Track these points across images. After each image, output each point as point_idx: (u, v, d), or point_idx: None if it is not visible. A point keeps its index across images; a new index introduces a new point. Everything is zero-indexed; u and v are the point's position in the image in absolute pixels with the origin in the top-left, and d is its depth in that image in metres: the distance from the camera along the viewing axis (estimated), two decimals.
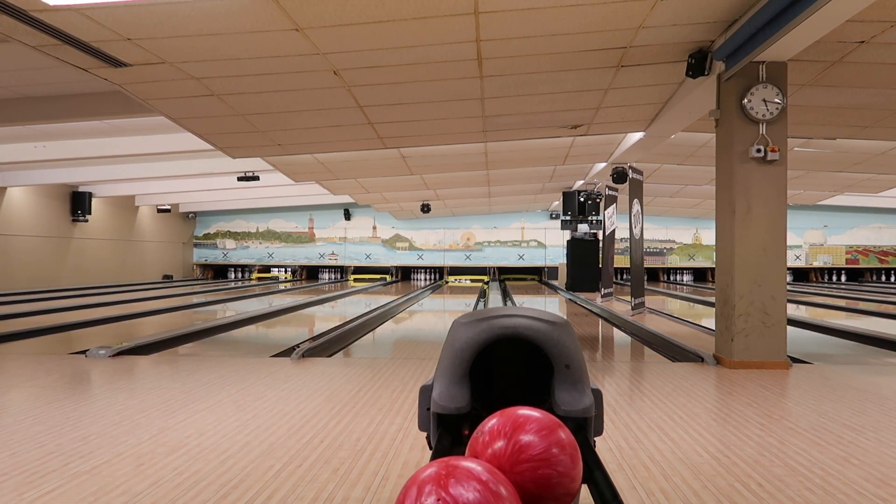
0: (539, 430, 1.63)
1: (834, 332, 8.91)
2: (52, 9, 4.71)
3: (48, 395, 4.71)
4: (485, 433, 1.66)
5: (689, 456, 3.31)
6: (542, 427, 1.65)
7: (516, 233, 26.18)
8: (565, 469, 1.60)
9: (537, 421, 1.67)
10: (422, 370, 5.73)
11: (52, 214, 18.13)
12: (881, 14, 5.35)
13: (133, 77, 6.25)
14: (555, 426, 1.67)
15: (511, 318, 2.11)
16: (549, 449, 1.59)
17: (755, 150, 5.87)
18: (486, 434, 1.65)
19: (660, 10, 5.22)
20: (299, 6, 4.82)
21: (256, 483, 2.89)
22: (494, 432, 1.63)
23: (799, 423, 4.03)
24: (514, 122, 8.80)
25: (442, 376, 2.14)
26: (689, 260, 25.95)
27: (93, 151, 11.51)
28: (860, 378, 5.51)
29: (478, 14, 5.10)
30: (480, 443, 1.64)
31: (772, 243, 5.94)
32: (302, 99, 7.27)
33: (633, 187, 12.02)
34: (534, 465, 1.56)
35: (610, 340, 8.92)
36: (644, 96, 7.89)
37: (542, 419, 1.68)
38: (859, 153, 11.91)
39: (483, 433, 1.67)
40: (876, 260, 25.01)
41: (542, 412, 1.73)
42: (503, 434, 1.62)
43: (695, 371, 5.79)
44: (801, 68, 6.57)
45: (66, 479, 2.91)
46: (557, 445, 1.61)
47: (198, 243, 26.58)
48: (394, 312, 12.25)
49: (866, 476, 3.03)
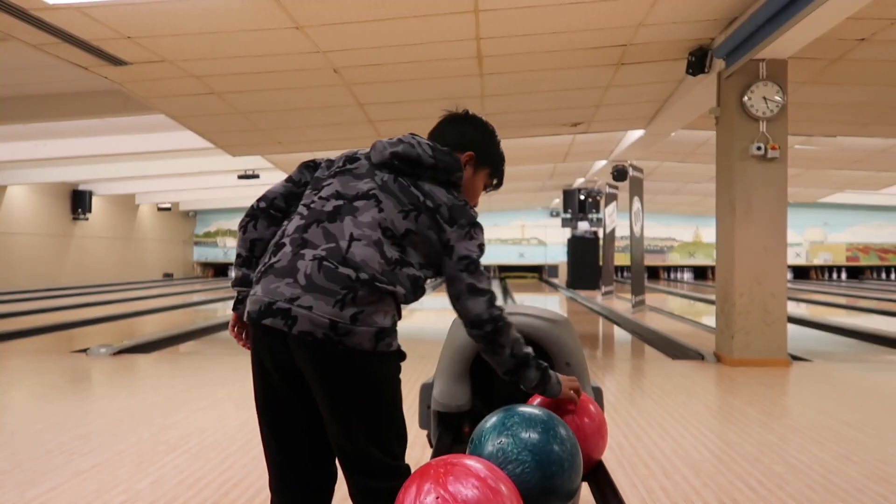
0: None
1: (834, 329, 8.91)
2: (53, 7, 4.70)
3: (49, 393, 4.71)
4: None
5: (690, 454, 3.32)
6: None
7: (517, 230, 26.19)
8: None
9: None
10: (422, 368, 5.73)
11: (53, 213, 18.13)
12: (881, 11, 5.34)
13: (133, 75, 6.25)
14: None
15: (512, 317, 2.11)
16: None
17: (755, 148, 5.86)
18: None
19: (660, 8, 5.21)
20: (299, 4, 4.82)
21: (257, 481, 2.89)
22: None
23: (799, 420, 4.03)
24: (514, 119, 8.79)
25: (442, 374, 2.14)
26: (689, 258, 25.96)
27: (93, 150, 11.51)
28: (860, 375, 5.52)
29: (478, 12, 5.10)
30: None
31: (772, 241, 5.94)
32: (302, 97, 7.27)
33: (633, 185, 12.02)
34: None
35: (610, 338, 8.92)
36: (644, 94, 7.88)
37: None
38: (860, 151, 11.90)
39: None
40: (876, 257, 25.01)
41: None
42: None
43: (695, 369, 5.79)
44: (802, 66, 6.57)
45: (68, 477, 2.91)
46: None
47: (198, 241, 26.59)
48: None
49: (867, 473, 3.03)
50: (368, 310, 1.50)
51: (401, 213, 1.58)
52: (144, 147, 11.25)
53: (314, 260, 1.51)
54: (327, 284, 1.49)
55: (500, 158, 1.83)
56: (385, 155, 1.65)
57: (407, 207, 1.59)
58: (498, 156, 1.83)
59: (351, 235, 1.54)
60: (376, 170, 1.65)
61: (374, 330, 1.51)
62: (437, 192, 1.62)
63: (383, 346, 1.54)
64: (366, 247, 1.53)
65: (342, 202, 1.60)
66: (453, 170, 1.67)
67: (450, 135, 1.76)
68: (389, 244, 1.56)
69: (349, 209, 1.58)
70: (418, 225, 1.58)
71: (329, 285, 1.49)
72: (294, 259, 1.53)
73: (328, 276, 1.50)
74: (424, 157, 1.64)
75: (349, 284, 1.49)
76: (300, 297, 1.48)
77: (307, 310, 1.47)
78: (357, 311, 1.49)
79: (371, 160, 1.68)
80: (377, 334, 1.52)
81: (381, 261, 1.53)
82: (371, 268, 1.51)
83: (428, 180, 1.64)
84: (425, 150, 1.65)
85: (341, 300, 1.48)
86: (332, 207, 1.59)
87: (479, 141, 1.78)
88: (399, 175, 1.63)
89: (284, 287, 1.51)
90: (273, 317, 1.50)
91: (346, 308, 1.48)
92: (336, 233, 1.55)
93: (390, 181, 1.62)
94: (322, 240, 1.54)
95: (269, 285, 1.53)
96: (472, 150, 1.75)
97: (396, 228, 1.57)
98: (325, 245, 1.53)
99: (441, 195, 1.62)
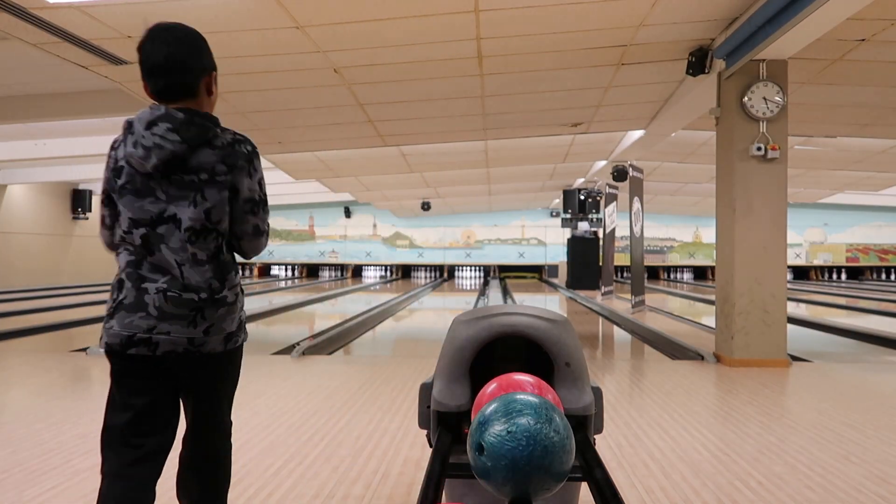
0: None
1: (834, 330, 8.91)
2: (53, 6, 4.71)
3: (49, 392, 4.72)
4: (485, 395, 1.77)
5: (689, 454, 3.32)
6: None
7: (517, 230, 26.18)
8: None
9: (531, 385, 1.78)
10: (422, 368, 5.73)
11: (53, 212, 18.13)
12: (881, 12, 5.34)
13: (133, 74, 6.22)
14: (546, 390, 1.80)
15: (511, 316, 2.11)
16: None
17: (755, 149, 5.86)
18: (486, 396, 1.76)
19: (660, 9, 5.21)
20: (299, 4, 4.82)
21: (257, 480, 2.89)
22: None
23: (799, 421, 4.03)
24: (514, 119, 8.79)
25: (442, 374, 2.14)
26: (689, 258, 25.95)
27: (93, 149, 11.51)
28: (860, 376, 5.52)
29: (478, 12, 5.10)
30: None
31: (772, 241, 5.94)
32: (302, 97, 7.27)
33: (633, 185, 12.02)
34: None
35: (610, 338, 8.92)
36: (644, 94, 7.89)
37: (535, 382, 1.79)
38: (859, 151, 11.90)
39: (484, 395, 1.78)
40: (876, 258, 25.01)
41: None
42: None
43: (695, 369, 5.80)
44: (802, 66, 6.57)
45: (67, 477, 2.91)
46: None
47: None
48: (394, 310, 12.25)
49: (866, 474, 3.03)
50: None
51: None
52: None
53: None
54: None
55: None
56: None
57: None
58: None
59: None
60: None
61: (234, 323, 1.93)
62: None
63: (238, 342, 1.94)
64: (193, 263, 1.85)
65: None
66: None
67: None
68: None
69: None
70: (218, 195, 1.85)
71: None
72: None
73: (178, 297, 1.82)
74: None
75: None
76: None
77: None
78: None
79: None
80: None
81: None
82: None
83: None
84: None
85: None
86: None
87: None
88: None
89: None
90: (149, 343, 1.82)
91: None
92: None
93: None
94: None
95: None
96: (206, 73, 1.87)
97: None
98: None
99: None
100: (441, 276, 25.89)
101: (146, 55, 1.81)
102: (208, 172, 1.77)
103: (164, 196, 1.76)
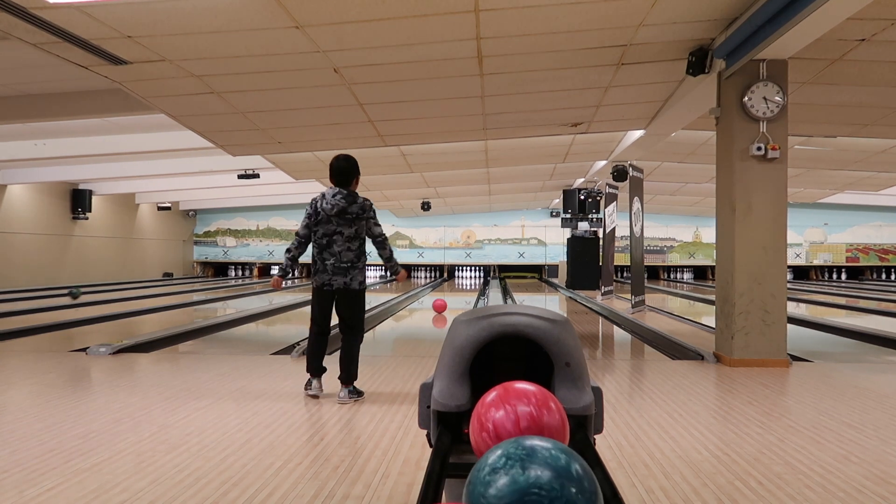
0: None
1: (834, 330, 8.91)
2: (53, 6, 4.71)
3: (49, 392, 4.71)
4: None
5: (689, 454, 3.32)
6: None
7: (517, 230, 26.18)
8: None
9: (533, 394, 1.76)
10: (422, 368, 5.73)
11: (53, 212, 18.13)
12: (882, 12, 5.35)
13: (133, 74, 6.25)
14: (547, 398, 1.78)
15: (511, 316, 2.11)
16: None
17: (755, 148, 5.87)
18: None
19: (660, 8, 5.21)
20: (299, 3, 4.82)
21: (257, 480, 2.89)
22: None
23: (799, 421, 4.04)
24: (514, 119, 8.79)
25: (442, 374, 2.14)
26: (689, 258, 25.96)
27: (93, 149, 11.51)
28: (860, 376, 5.52)
29: (478, 12, 5.10)
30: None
31: (772, 241, 5.95)
32: (302, 97, 7.27)
33: (633, 185, 12.02)
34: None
35: (610, 338, 8.92)
36: (644, 94, 7.89)
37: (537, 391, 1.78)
38: (860, 151, 11.90)
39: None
40: (876, 258, 25.02)
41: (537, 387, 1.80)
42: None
43: (695, 369, 5.80)
44: (802, 66, 6.57)
45: (67, 477, 2.92)
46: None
47: (198, 241, 26.59)
48: (394, 310, 12.25)
49: (866, 474, 3.03)
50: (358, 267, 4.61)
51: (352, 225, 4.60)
52: (144, 146, 11.25)
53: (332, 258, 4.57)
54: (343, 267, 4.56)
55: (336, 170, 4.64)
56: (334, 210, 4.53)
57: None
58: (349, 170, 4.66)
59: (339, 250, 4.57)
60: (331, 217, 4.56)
61: (363, 277, 4.62)
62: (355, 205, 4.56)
63: (364, 285, 4.62)
64: (347, 251, 4.56)
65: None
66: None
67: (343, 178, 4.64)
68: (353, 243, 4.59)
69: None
70: (360, 224, 4.59)
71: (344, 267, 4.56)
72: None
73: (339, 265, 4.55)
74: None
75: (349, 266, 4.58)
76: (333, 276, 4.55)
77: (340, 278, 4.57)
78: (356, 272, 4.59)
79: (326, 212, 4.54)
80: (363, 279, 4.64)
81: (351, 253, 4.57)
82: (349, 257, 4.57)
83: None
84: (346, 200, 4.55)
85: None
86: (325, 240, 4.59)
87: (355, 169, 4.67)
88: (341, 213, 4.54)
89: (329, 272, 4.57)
90: (329, 285, 4.53)
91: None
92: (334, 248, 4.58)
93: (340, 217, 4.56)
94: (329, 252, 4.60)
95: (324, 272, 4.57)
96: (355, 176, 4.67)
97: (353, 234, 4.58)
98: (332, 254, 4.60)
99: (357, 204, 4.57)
100: (441, 276, 25.88)
101: (335, 166, 4.58)
102: (356, 214, 4.52)
103: (335, 224, 4.51)
